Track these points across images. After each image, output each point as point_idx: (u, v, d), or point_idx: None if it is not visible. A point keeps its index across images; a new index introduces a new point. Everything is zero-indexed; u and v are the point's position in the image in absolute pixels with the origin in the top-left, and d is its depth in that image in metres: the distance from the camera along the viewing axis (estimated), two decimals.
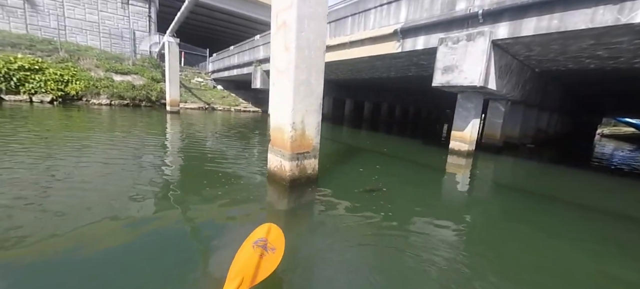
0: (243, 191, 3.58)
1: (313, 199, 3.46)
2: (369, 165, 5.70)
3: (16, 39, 13.69)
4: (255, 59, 16.44)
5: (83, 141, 5.93)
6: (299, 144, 3.55)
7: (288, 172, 3.54)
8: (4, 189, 3.03)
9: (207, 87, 20.79)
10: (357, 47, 9.15)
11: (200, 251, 2.22)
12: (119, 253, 2.11)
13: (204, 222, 2.74)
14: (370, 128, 15.58)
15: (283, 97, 3.46)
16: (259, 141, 8.19)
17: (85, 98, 13.31)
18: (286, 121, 3.44)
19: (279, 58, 3.45)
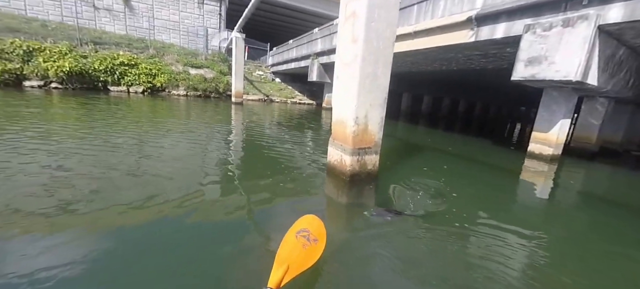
0: (302, 182, 3.66)
1: (372, 196, 3.35)
2: (433, 165, 5.28)
3: (118, 39, 16.52)
4: (312, 52, 16.72)
5: (165, 125, 6.92)
6: (361, 139, 3.44)
7: (348, 168, 3.48)
8: (111, 162, 3.68)
9: (267, 80, 22.03)
10: (423, 38, 8.49)
11: (254, 231, 2.39)
12: (186, 222, 2.44)
13: (262, 205, 2.93)
14: (429, 124, 14.53)
15: (347, 90, 3.38)
16: (317, 133, 8.33)
17: (167, 89, 15.40)
18: (349, 115, 3.36)
19: (345, 50, 3.36)
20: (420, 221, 2.76)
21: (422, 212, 2.96)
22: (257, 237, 2.33)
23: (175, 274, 1.80)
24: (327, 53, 15.40)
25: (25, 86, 11.64)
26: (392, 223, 2.64)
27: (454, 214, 3.01)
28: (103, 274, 1.74)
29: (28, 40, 12.34)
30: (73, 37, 14.22)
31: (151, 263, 1.89)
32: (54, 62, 12.11)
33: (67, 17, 15.74)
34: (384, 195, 3.35)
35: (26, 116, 6.17)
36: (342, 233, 2.46)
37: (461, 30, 7.38)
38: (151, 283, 1.71)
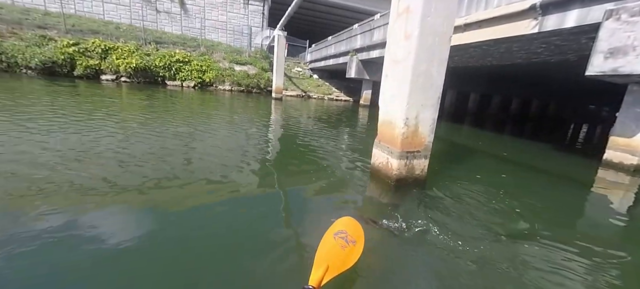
0: (341, 182, 3.62)
1: (418, 203, 3.14)
2: (488, 172, 4.84)
3: (175, 38, 18.12)
4: (351, 49, 16.48)
5: (213, 117, 7.44)
6: (410, 141, 3.29)
7: (395, 171, 3.35)
8: (164, 146, 4.06)
9: (305, 76, 22.36)
10: (475, 31, 7.80)
11: (292, 226, 2.41)
12: (226, 211, 2.61)
13: (301, 202, 2.95)
14: (475, 124, 13.41)
15: (397, 89, 3.24)
16: (355, 131, 8.24)
17: (214, 84, 16.52)
18: (398, 115, 3.22)
19: (396, 47, 3.22)
20: (469, 233, 2.55)
21: (473, 224, 2.73)
22: (295, 232, 2.36)
23: (215, 262, 1.90)
24: (367, 49, 15.03)
25: (102, 79, 13.44)
26: (433, 233, 2.48)
27: (509, 230, 2.72)
28: (153, 248, 1.97)
29: (105, 40, 14.17)
30: (139, 37, 15.97)
31: (194, 249, 2.02)
32: (124, 59, 13.77)
33: (134, 20, 17.71)
34: (432, 204, 3.14)
35: (106, 104, 7.12)
36: (382, 238, 2.37)
37: (522, 20, 6.61)
38: (192, 268, 1.81)
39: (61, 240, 1.96)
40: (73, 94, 8.79)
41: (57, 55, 12.29)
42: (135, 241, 2.02)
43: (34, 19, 14.20)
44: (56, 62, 12.27)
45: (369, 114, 13.83)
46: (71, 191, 2.65)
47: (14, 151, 3.44)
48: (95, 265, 1.76)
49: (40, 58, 11.88)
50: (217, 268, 1.86)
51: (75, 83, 11.25)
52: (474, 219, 2.84)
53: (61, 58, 12.38)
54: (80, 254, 1.84)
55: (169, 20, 19.15)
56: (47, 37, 13.02)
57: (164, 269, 1.79)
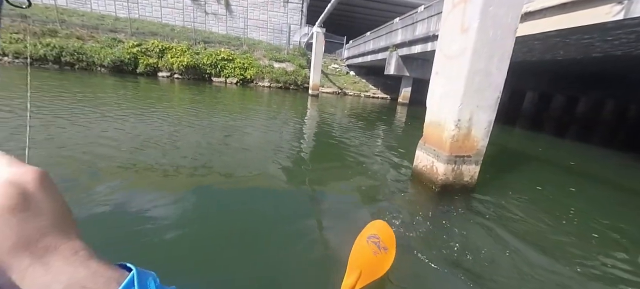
0: (379, 184, 3.46)
1: (464, 214, 2.85)
2: (552, 184, 4.23)
3: (221, 38, 19.26)
4: (391, 44, 15.87)
5: (252, 111, 7.75)
6: (460, 145, 3.00)
7: (440, 176, 3.09)
8: (209, 137, 4.29)
9: (341, 73, 22.16)
10: (537, 20, 6.90)
11: (323, 225, 2.37)
12: (258, 200, 2.70)
13: (334, 199, 2.89)
14: (531, 127, 11.99)
15: (449, 88, 2.97)
16: (393, 130, 7.91)
17: (255, 81, 17.20)
18: (449, 116, 2.96)
19: (450, 42, 2.95)
20: (531, 259, 2.21)
21: (530, 244, 2.38)
22: (325, 229, 2.32)
23: (249, 256, 1.92)
24: (408, 44, 14.32)
25: (159, 75, 14.86)
26: (478, 250, 2.20)
27: (577, 259, 2.32)
28: (194, 228, 2.15)
29: (162, 41, 15.62)
30: (190, 37, 17.30)
31: (230, 241, 2.08)
32: (177, 58, 15.03)
33: (187, 22, 19.24)
34: (481, 218, 2.81)
35: (162, 98, 7.85)
36: (416, 249, 2.19)
37: (601, 5, 5.64)
38: (228, 260, 1.87)
39: (123, 206, 2.26)
40: (137, 88, 9.86)
41: (124, 55, 13.89)
42: (179, 211, 2.32)
43: (107, 24, 16.21)
44: (123, 61, 13.87)
45: (408, 113, 13.20)
46: (133, 168, 3.03)
47: (94, 135, 3.95)
48: (151, 229, 2.05)
49: (111, 58, 13.54)
50: (248, 252, 1.92)
51: (138, 80, 12.59)
52: (537, 242, 2.47)
53: (127, 57, 13.96)
54: (135, 220, 2.13)
55: (215, 21, 20.40)
56: (117, 40, 14.77)
57: (199, 238, 2.00)
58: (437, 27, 11.59)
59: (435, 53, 3.21)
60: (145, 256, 1.82)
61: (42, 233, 0.25)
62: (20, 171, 0.26)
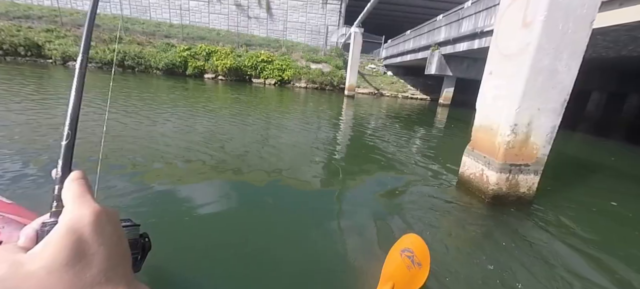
0: (417, 190, 3.25)
1: (518, 230, 2.52)
2: (632, 201, 3.60)
3: (261, 40, 20.11)
4: (433, 42, 15.07)
5: (290, 111, 7.92)
6: (516, 152, 2.69)
7: (492, 186, 2.81)
8: (247, 137, 4.45)
9: (378, 73, 21.64)
10: (615, 10, 5.95)
11: (356, 232, 2.30)
12: (292, 199, 2.75)
13: (370, 205, 2.78)
14: (597, 132, 10.41)
15: (504, 89, 2.69)
16: (434, 134, 7.47)
17: (292, 82, 17.62)
18: (503, 120, 2.67)
19: (508, 38, 2.66)
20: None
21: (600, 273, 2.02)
22: (358, 236, 2.25)
23: (278, 258, 1.93)
24: (452, 42, 13.45)
25: (205, 77, 16.02)
26: (535, 274, 1.92)
27: None
28: (234, 219, 2.29)
29: (208, 45, 16.82)
30: (234, 41, 18.36)
31: (260, 241, 2.11)
32: (221, 60, 16.05)
33: (231, 26, 20.45)
34: (539, 235, 2.45)
35: (208, 98, 8.46)
36: (456, 263, 1.99)
37: None
38: (255, 261, 1.89)
39: (169, 196, 2.47)
40: (186, 89, 10.75)
41: (175, 58, 15.25)
42: (217, 203, 2.52)
43: (162, 31, 17.95)
44: (175, 64, 15.23)
45: (450, 115, 12.40)
46: (180, 161, 3.33)
47: (153, 130, 4.39)
48: (194, 218, 2.24)
49: (165, 61, 14.96)
50: (277, 255, 1.94)
51: (187, 81, 13.72)
52: (609, 274, 2.08)
53: (178, 60, 15.30)
54: (179, 209, 2.33)
55: (257, 24, 21.37)
56: (170, 44, 16.27)
57: (230, 235, 2.12)
58: (485, 22, 10.69)
59: (488, 51, 2.93)
60: (180, 240, 1.99)
61: (93, 285, 0.24)
62: (80, 213, 0.27)
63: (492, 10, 10.18)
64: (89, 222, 0.26)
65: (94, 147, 3.32)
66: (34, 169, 2.74)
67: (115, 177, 2.74)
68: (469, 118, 12.29)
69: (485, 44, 10.57)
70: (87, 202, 0.28)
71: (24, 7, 16.16)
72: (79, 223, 0.26)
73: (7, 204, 1.24)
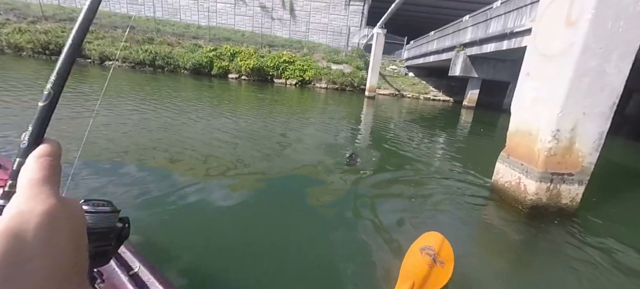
0: (446, 198, 3.12)
1: (558, 244, 2.34)
2: None
3: (283, 41, 20.43)
4: (458, 43, 14.56)
5: (310, 111, 7.96)
6: (558, 160, 2.53)
7: (530, 196, 2.66)
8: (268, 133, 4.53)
9: (399, 74, 21.23)
10: None
11: (377, 234, 2.24)
12: (312, 200, 2.70)
13: (390, 208, 2.72)
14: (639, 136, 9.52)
15: (545, 92, 2.54)
16: (461, 138, 7.20)
17: (312, 83, 17.73)
18: (544, 125, 2.52)
19: (550, 38, 2.52)
20: None
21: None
22: (377, 237, 2.21)
23: (295, 253, 1.95)
24: (479, 43, 12.94)
25: (229, 77, 16.53)
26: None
27: None
28: (250, 219, 2.31)
29: (233, 45, 17.34)
30: (257, 42, 18.80)
31: (277, 237, 2.13)
32: (244, 61, 16.48)
33: (255, 27, 20.97)
34: (583, 251, 2.25)
35: (232, 97, 8.72)
36: (483, 272, 1.89)
37: None
38: (281, 256, 1.92)
39: (191, 190, 2.57)
40: (212, 88, 11.16)
41: (202, 59, 15.85)
42: (236, 199, 2.61)
43: (191, 32, 18.75)
44: (201, 64, 15.84)
45: (475, 118, 11.91)
46: (203, 156, 3.48)
47: (174, 129, 4.58)
48: (210, 213, 2.33)
49: (192, 61, 15.60)
50: (294, 249, 1.96)
51: (212, 81, 14.23)
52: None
53: (204, 61, 15.90)
54: (203, 203, 2.43)
55: (280, 25, 21.73)
56: (198, 45, 16.95)
57: (249, 230, 2.17)
58: (516, 23, 10.19)
59: (517, 52, 2.78)
60: (195, 230, 2.09)
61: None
62: (28, 207, 0.21)
63: (524, 10, 9.68)
64: (36, 223, 0.20)
65: (114, 142, 3.58)
66: (87, 149, 3.06)
67: (134, 169, 2.92)
68: (497, 121, 11.78)
69: (514, 45, 10.08)
70: (43, 193, 0.22)
71: (69, 10, 17.51)
72: (23, 222, 0.20)
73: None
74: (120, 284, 0.86)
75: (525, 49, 2.75)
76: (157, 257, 1.71)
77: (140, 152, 3.45)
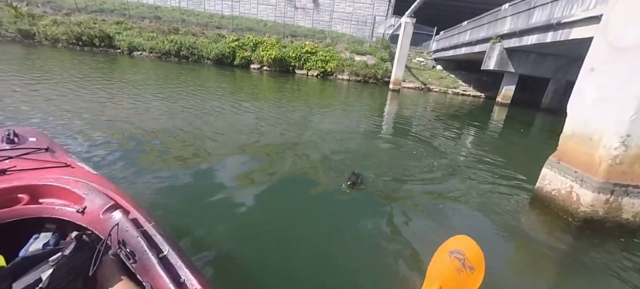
0: (482, 200, 2.86)
1: (614, 264, 2.03)
2: None
3: (306, 31, 20.16)
4: (494, 34, 13.53)
5: (331, 103, 7.75)
6: (624, 169, 2.17)
7: (584, 207, 2.32)
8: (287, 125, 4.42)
9: (426, 67, 20.26)
10: None
11: (403, 235, 2.13)
12: (335, 196, 2.61)
13: (417, 209, 2.55)
14: None
15: (614, 90, 2.16)
16: (494, 137, 6.67)
17: (334, 74, 17.40)
18: (610, 129, 2.16)
19: (624, 25, 2.12)
20: None
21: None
22: (403, 238, 2.09)
23: (318, 251, 1.88)
24: (519, 35, 11.92)
25: (251, 68, 16.63)
26: None
27: None
28: (273, 209, 2.31)
29: (256, 36, 17.36)
30: (280, 32, 18.69)
31: (297, 234, 2.05)
32: (267, 51, 16.47)
33: (278, 17, 20.85)
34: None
35: (254, 88, 8.72)
36: (515, 282, 1.73)
37: None
38: (305, 255, 1.86)
39: (212, 177, 2.61)
40: (234, 79, 11.26)
41: (225, 49, 16.03)
42: (260, 194, 2.54)
43: (214, 22, 19.02)
44: (224, 54, 16.03)
45: (510, 115, 11.10)
46: (225, 143, 3.56)
47: (194, 116, 4.60)
48: (239, 200, 2.35)
49: (216, 52, 15.82)
50: (316, 246, 1.91)
51: (234, 71, 14.38)
52: None
53: (227, 51, 16.07)
54: (221, 188, 2.50)
55: (303, 15, 21.45)
56: (221, 35, 17.14)
57: (271, 226, 2.12)
58: (565, 12, 9.18)
59: (561, 45, 2.39)
60: (216, 217, 2.12)
61: None
62: None
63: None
64: None
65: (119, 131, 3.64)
66: (115, 144, 3.21)
67: (158, 155, 3.01)
68: (534, 120, 10.88)
69: (561, 38, 9.13)
70: None
71: (99, 1, 18.35)
72: None
73: (92, 174, 1.40)
74: (150, 265, 0.90)
75: (573, 41, 2.38)
76: (183, 242, 1.77)
77: (165, 139, 3.53)
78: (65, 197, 1.18)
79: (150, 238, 1.01)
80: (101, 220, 1.06)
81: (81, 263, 0.92)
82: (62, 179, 1.23)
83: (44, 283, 0.83)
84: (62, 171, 1.34)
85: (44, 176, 1.24)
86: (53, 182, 1.20)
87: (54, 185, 1.19)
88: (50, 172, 1.30)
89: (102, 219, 1.06)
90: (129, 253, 0.92)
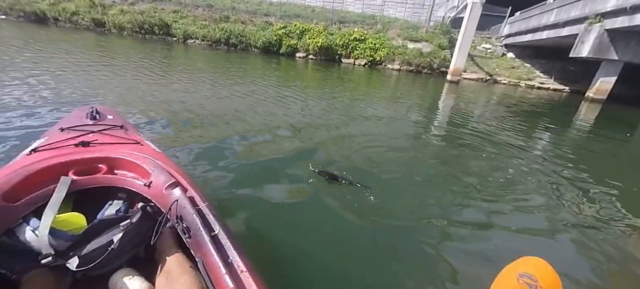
0: (559, 216, 2.43)
1: None
2: None
3: (356, 17, 19.00)
4: (592, 13, 10.82)
5: (373, 97, 7.05)
6: None
7: None
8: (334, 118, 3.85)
9: (494, 54, 17.49)
10: None
11: (464, 251, 1.89)
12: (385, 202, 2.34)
13: (480, 219, 2.24)
14: None
15: None
16: (594, 146, 5.07)
17: (384, 63, 16.09)
18: None
19: None
20: None
21: None
22: (464, 253, 1.87)
23: (364, 259, 1.77)
24: (630, 11, 9.34)
25: (297, 56, 16.30)
26: None
27: None
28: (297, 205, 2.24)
29: (303, 23, 16.89)
30: (327, 18, 17.92)
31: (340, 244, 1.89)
32: (313, 39, 15.90)
33: (326, 2, 20.04)
34: None
35: (300, 77, 8.31)
36: None
37: None
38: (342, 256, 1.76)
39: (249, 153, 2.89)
40: (280, 67, 11.02)
41: (272, 37, 15.91)
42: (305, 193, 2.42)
43: (263, 9, 19.05)
44: (271, 42, 15.94)
45: (603, 114, 8.85)
46: (267, 130, 3.70)
47: (237, 103, 4.31)
48: (284, 190, 2.40)
49: (263, 40, 15.81)
50: (363, 254, 1.80)
51: (280, 60, 14.18)
52: None
53: (274, 39, 15.93)
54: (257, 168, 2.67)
55: (353, 1, 20.24)
56: (268, 23, 17.07)
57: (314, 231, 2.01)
58: None
59: None
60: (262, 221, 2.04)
61: None
62: None
63: None
64: None
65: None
66: (179, 123, 3.54)
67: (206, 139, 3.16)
68: (638, 122, 8.39)
69: None
70: None
71: None
72: None
73: (157, 152, 1.53)
74: (203, 242, 0.96)
75: None
76: (231, 223, 1.67)
77: (212, 125, 3.70)
78: (135, 170, 1.32)
79: (204, 217, 1.08)
80: (164, 195, 1.15)
81: (144, 231, 1.06)
82: (133, 155, 1.36)
83: (115, 245, 0.96)
84: (133, 147, 1.49)
85: (119, 150, 1.40)
86: (126, 156, 1.34)
87: (127, 159, 1.33)
88: (124, 147, 1.46)
89: (164, 194, 1.15)
90: (185, 228, 1.00)
